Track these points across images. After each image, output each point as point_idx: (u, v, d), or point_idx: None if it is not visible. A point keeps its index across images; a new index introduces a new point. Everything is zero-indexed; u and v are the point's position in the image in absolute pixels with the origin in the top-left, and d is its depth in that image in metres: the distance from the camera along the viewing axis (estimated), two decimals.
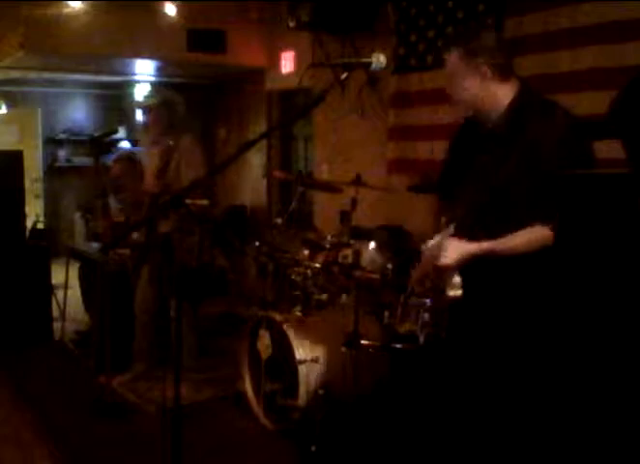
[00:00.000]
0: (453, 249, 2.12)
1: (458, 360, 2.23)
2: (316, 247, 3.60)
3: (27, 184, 5.46)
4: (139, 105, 4.25)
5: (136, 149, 8.27)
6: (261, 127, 6.89)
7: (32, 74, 7.76)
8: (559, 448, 1.60)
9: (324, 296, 3.55)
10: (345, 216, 3.60)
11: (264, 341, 3.39)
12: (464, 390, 2.22)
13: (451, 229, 2.20)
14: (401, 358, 3.23)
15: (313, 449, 3.04)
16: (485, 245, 2.10)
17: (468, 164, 2.30)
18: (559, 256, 1.55)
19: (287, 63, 6.33)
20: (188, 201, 2.22)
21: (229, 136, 7.50)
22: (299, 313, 3.42)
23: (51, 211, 8.52)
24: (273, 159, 6.91)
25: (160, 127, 4.08)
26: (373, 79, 5.10)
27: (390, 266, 3.25)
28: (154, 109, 4.06)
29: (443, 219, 2.33)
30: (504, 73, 2.22)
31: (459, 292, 2.14)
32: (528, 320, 2.02)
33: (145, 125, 4.26)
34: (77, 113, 8.94)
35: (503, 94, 2.22)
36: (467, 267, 2.14)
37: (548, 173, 1.97)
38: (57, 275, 5.30)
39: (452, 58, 2.23)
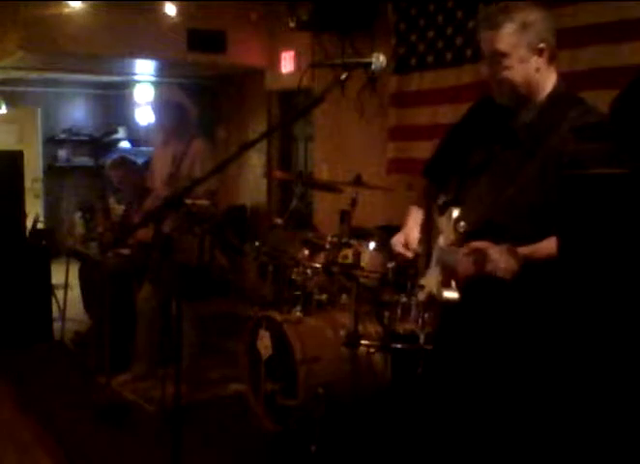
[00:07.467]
0: (506, 261, 1.81)
1: (458, 360, 2.23)
2: (316, 247, 3.60)
3: (27, 184, 5.47)
4: (154, 106, 4.24)
5: (136, 149, 8.28)
6: (261, 127, 6.88)
7: (32, 74, 7.76)
8: (560, 450, 1.60)
9: (324, 296, 3.55)
10: (345, 216, 3.59)
11: (264, 341, 3.38)
12: (465, 389, 2.22)
13: (461, 227, 2.04)
14: (401, 358, 3.23)
15: (313, 449, 3.04)
16: (524, 251, 1.86)
17: (477, 150, 2.15)
18: (560, 256, 1.55)
19: (287, 63, 6.33)
20: (188, 201, 2.23)
21: (229, 136, 7.50)
22: (299, 313, 3.42)
23: (51, 211, 8.53)
24: (273, 159, 6.91)
25: (174, 128, 4.08)
26: (373, 79, 5.09)
27: (390, 266, 3.25)
28: (168, 110, 4.06)
29: (441, 199, 2.18)
30: (554, 55, 2.02)
31: (456, 295, 2.05)
32: (528, 319, 2.01)
33: (158, 125, 4.26)
34: (77, 113, 8.95)
35: (547, 79, 2.02)
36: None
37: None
38: (57, 275, 5.30)
39: (504, 33, 1.96)
